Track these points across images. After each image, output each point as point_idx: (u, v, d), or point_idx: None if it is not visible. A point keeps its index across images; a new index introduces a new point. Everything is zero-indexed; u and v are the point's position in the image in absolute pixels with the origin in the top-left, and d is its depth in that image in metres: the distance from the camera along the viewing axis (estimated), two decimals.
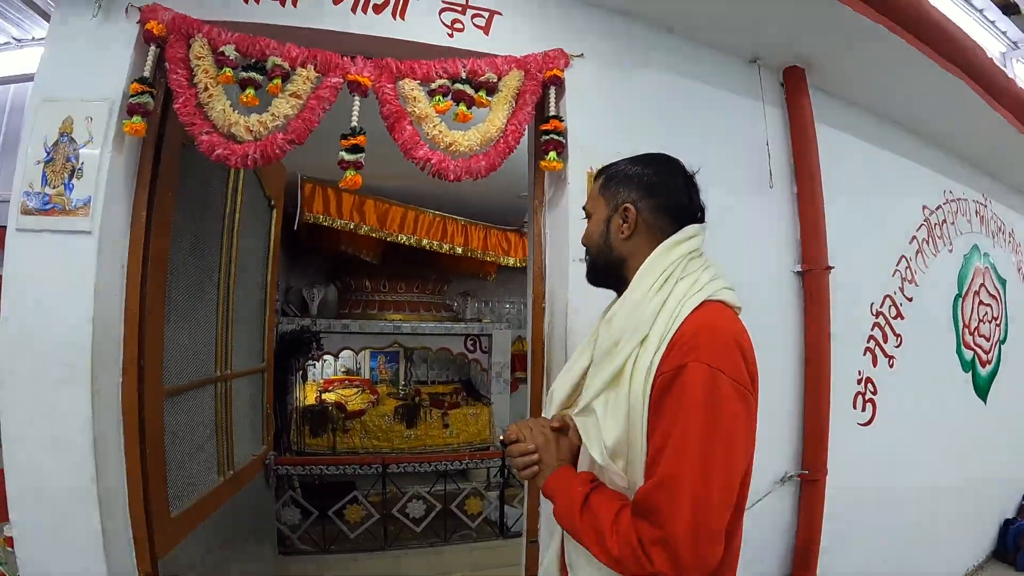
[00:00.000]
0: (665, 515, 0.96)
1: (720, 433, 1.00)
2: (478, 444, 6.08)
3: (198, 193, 2.38)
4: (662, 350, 1.07)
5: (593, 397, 1.15)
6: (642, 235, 1.24)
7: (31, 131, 1.78)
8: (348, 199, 4.98)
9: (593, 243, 1.32)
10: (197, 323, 2.41)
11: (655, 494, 0.99)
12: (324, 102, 1.86)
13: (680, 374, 1.02)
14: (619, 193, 1.27)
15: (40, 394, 1.70)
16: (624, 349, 1.11)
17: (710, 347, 1.04)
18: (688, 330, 1.07)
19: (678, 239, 1.20)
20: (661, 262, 1.17)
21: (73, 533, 1.69)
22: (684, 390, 1.01)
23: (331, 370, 6.82)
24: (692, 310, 1.09)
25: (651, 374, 1.06)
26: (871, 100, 2.96)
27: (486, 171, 2.00)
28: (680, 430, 1.00)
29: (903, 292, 3.11)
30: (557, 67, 2.13)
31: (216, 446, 2.53)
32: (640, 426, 1.06)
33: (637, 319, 1.12)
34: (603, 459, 1.10)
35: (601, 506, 1.07)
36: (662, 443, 1.01)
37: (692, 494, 0.96)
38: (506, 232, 6.14)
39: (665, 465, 0.99)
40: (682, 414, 1.00)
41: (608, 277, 1.31)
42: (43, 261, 1.74)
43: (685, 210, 1.25)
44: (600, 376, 1.14)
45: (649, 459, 1.04)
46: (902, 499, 3.01)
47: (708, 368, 1.01)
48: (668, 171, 1.28)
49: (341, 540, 4.20)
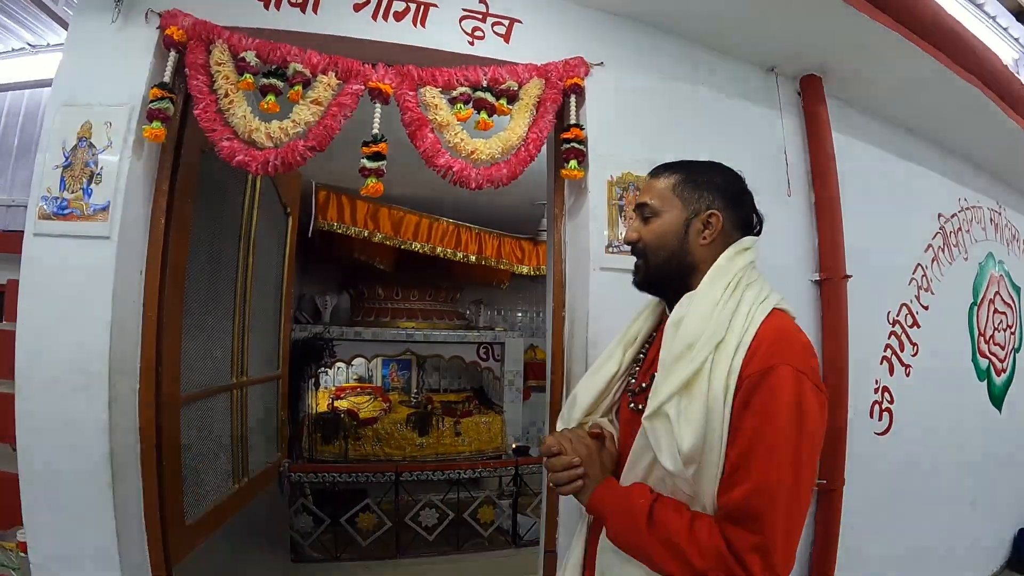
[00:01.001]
0: (765, 520, 0.95)
1: (807, 436, 0.99)
2: (490, 452, 6.04)
3: (216, 200, 2.39)
4: (741, 353, 1.04)
5: (664, 401, 1.08)
6: (717, 244, 1.22)
7: (49, 135, 1.78)
8: (362, 207, 4.98)
9: (665, 244, 1.25)
10: (214, 330, 2.41)
11: (754, 499, 0.96)
12: (345, 109, 1.86)
13: (768, 376, 1.00)
14: (703, 197, 1.23)
15: (56, 400, 1.69)
16: (701, 352, 1.07)
17: (792, 350, 1.04)
18: (768, 334, 1.06)
19: (742, 247, 1.20)
20: (730, 268, 1.17)
21: (87, 539, 1.68)
22: (774, 392, 0.99)
23: (343, 377, 6.81)
24: (765, 316, 1.09)
25: (732, 377, 1.03)
26: (887, 108, 2.94)
27: (507, 179, 1.99)
28: (773, 433, 0.98)
29: (919, 300, 3.08)
30: (577, 75, 2.12)
31: (231, 453, 2.53)
32: (719, 430, 1.02)
33: (713, 323, 1.09)
34: (676, 465, 1.05)
35: (670, 518, 1.04)
36: (751, 445, 0.99)
37: (787, 499, 0.96)
38: (520, 240, 6.11)
39: (761, 469, 0.97)
40: (774, 417, 0.99)
41: (671, 281, 1.26)
42: (61, 266, 1.73)
43: (751, 222, 1.27)
44: (673, 380, 1.09)
45: (732, 463, 1.01)
46: (918, 508, 2.98)
47: (795, 371, 1.00)
48: (743, 184, 1.29)
49: (353, 548, 4.17)
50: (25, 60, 4.76)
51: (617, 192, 2.14)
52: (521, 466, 4.75)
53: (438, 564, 4.26)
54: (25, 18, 4.23)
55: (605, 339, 1.98)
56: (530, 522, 4.67)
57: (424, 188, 4.76)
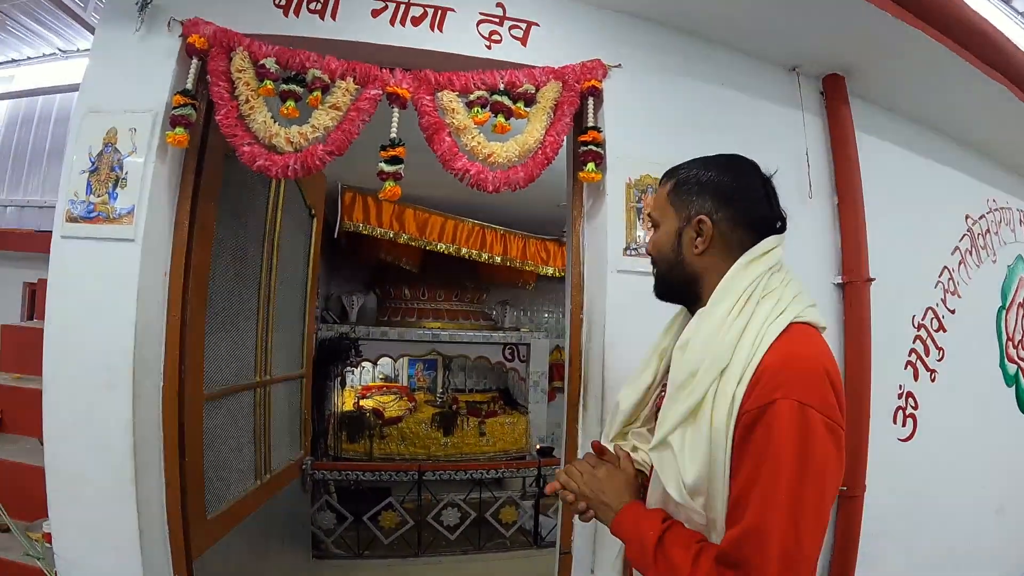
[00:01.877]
0: (754, 567, 0.89)
1: (810, 476, 0.90)
2: (514, 453, 6.06)
3: (240, 202, 2.44)
4: (745, 382, 0.96)
5: (669, 431, 1.03)
6: (718, 249, 1.12)
7: (76, 141, 1.83)
8: (388, 208, 5.03)
9: (663, 257, 1.19)
10: (238, 329, 2.47)
11: (744, 545, 0.90)
12: (363, 114, 1.88)
13: (766, 412, 0.92)
14: (692, 202, 1.14)
15: (83, 397, 1.75)
16: (703, 381, 1.00)
17: (798, 380, 0.94)
18: (773, 361, 0.96)
19: (755, 254, 1.09)
20: (740, 281, 1.06)
21: (110, 532, 1.73)
22: (771, 430, 0.91)
23: (369, 377, 6.89)
24: (777, 336, 0.99)
25: (734, 409, 0.96)
26: (911, 107, 2.86)
27: (524, 182, 1.99)
28: (768, 474, 0.91)
29: (945, 304, 3.00)
30: (595, 78, 2.11)
31: (254, 450, 2.58)
32: (723, 463, 0.96)
33: (717, 348, 1.01)
34: (682, 497, 1.00)
35: (676, 554, 0.98)
36: (747, 487, 0.92)
37: (782, 546, 0.88)
38: (545, 241, 6.12)
39: (753, 513, 0.91)
40: (769, 456, 0.91)
41: (679, 292, 1.20)
42: (87, 268, 1.79)
43: (765, 220, 1.13)
44: (676, 410, 1.03)
45: (732, 501, 0.95)
46: (942, 516, 2.90)
47: (797, 404, 0.91)
48: (746, 176, 1.16)
49: (375, 546, 4.24)
50: (56, 65, 4.93)
51: (635, 195, 2.12)
52: (544, 467, 4.77)
53: (459, 563, 4.31)
54: (56, 25, 4.38)
55: (623, 341, 2.02)
56: (552, 523, 4.67)
57: (449, 189, 4.77)
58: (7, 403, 2.49)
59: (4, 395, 2.53)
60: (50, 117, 5.16)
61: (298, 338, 3.15)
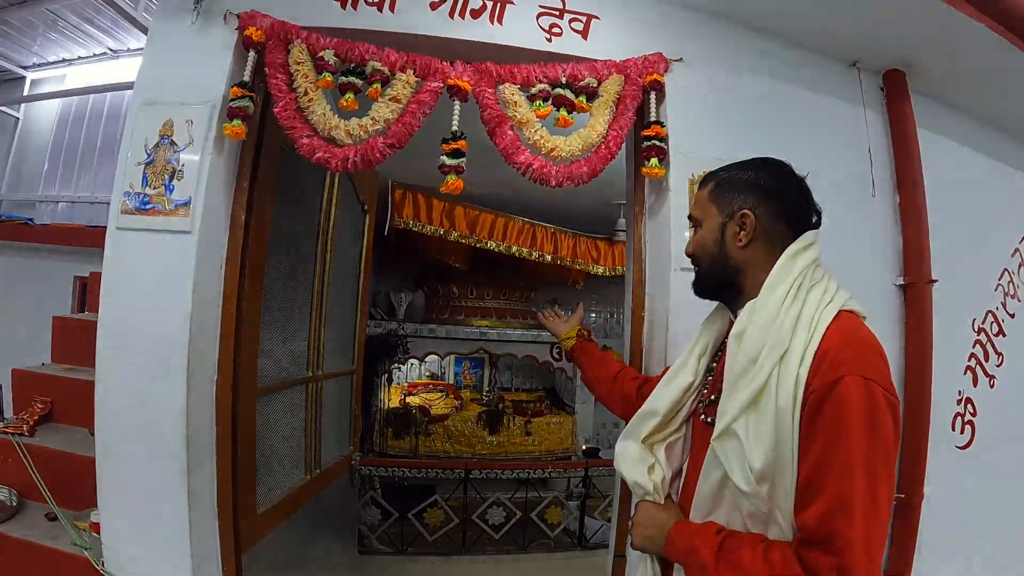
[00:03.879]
0: (842, 541, 0.91)
1: (880, 447, 0.95)
2: (560, 453, 6.01)
3: (296, 197, 2.44)
4: (807, 364, 1.00)
5: (732, 420, 1.06)
6: (760, 243, 1.19)
7: (132, 134, 1.84)
8: (438, 205, 5.02)
9: (706, 252, 1.26)
10: (291, 323, 2.47)
11: (831, 519, 0.92)
12: (424, 106, 1.85)
13: (835, 388, 0.96)
14: (734, 199, 1.22)
15: (137, 388, 1.75)
16: (765, 366, 1.04)
17: (861, 358, 0.99)
18: (834, 341, 1.01)
19: (800, 247, 1.15)
20: (789, 272, 1.12)
21: (160, 524, 1.74)
22: (842, 405, 0.95)
23: (415, 374, 6.91)
24: (831, 320, 1.04)
25: (799, 390, 0.99)
26: (973, 104, 2.75)
27: (588, 177, 1.95)
28: (844, 448, 0.94)
29: (1005, 308, 2.88)
30: (657, 71, 2.07)
31: (304, 445, 2.58)
32: (790, 445, 0.99)
33: (776, 333, 1.05)
34: (750, 485, 1.02)
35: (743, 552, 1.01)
36: (823, 462, 0.95)
37: (864, 516, 0.92)
38: (596, 240, 6.02)
39: (834, 487, 0.93)
40: (844, 430, 0.94)
41: (721, 288, 1.27)
42: (142, 260, 1.79)
43: (803, 215, 1.21)
44: (739, 397, 1.06)
45: (804, 479, 0.97)
46: (999, 528, 2.76)
47: (864, 380, 0.96)
48: (783, 175, 1.23)
49: (419, 543, 4.22)
50: (107, 65, 5.05)
51: None
52: (590, 468, 4.70)
53: (503, 563, 4.28)
54: (107, 25, 4.48)
55: (684, 340, 1.92)
56: (597, 525, 4.62)
57: (500, 187, 4.76)
58: (58, 394, 2.53)
59: (55, 386, 2.57)
60: (101, 115, 5.30)
61: (350, 334, 3.15)
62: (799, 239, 1.16)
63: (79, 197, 5.32)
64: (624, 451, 1.35)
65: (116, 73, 5.01)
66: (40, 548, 1.96)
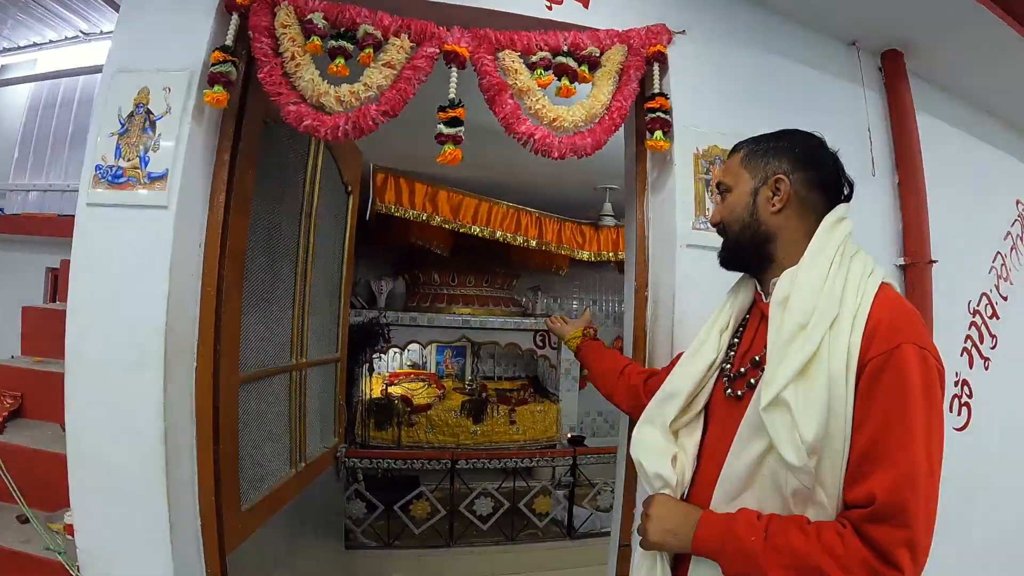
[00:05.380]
0: (911, 512, 0.89)
1: (936, 417, 0.95)
2: (544, 442, 5.96)
3: (277, 173, 2.29)
4: (859, 331, 0.98)
5: (782, 388, 0.99)
6: (793, 210, 1.16)
7: (105, 102, 1.67)
8: (421, 189, 4.90)
9: (735, 218, 1.22)
10: (274, 308, 2.32)
11: (898, 491, 0.89)
12: (420, 72, 1.73)
13: (893, 356, 0.94)
14: (769, 164, 1.19)
15: (109, 379, 1.59)
16: (817, 331, 1.00)
17: (914, 327, 0.98)
18: (886, 310, 1.00)
19: (839, 216, 1.14)
20: (832, 238, 1.10)
21: (138, 525, 1.59)
22: (901, 373, 0.93)
23: (397, 363, 6.78)
24: (876, 290, 1.02)
25: (852, 358, 0.96)
26: (967, 87, 2.80)
27: (591, 149, 1.85)
28: (907, 417, 0.92)
29: (999, 291, 2.94)
30: (660, 43, 1.99)
31: (289, 437, 2.44)
32: (843, 415, 0.95)
33: (827, 298, 1.02)
34: (800, 458, 0.96)
35: (792, 537, 0.94)
36: (884, 432, 0.93)
37: (926, 486, 0.91)
38: (581, 225, 5.94)
39: (900, 457, 0.91)
40: (905, 399, 0.93)
41: (750, 256, 1.22)
42: (115, 237, 1.63)
43: (837, 185, 1.19)
44: (789, 364, 1.00)
45: (861, 451, 0.94)
46: (995, 509, 2.79)
47: (920, 349, 0.95)
48: (816, 145, 1.21)
49: (406, 535, 4.14)
50: (79, 48, 4.81)
51: (703, 166, 2.01)
52: (578, 456, 4.65)
53: (492, 554, 4.22)
54: (79, 6, 4.26)
55: (691, 320, 1.88)
56: (586, 513, 4.59)
57: (484, 171, 4.65)
58: (28, 388, 2.37)
59: (25, 379, 2.40)
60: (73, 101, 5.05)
61: (334, 320, 3.01)
62: (834, 210, 1.15)
63: (51, 186, 5.06)
64: (643, 438, 1.27)
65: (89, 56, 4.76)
66: (11, 553, 1.83)
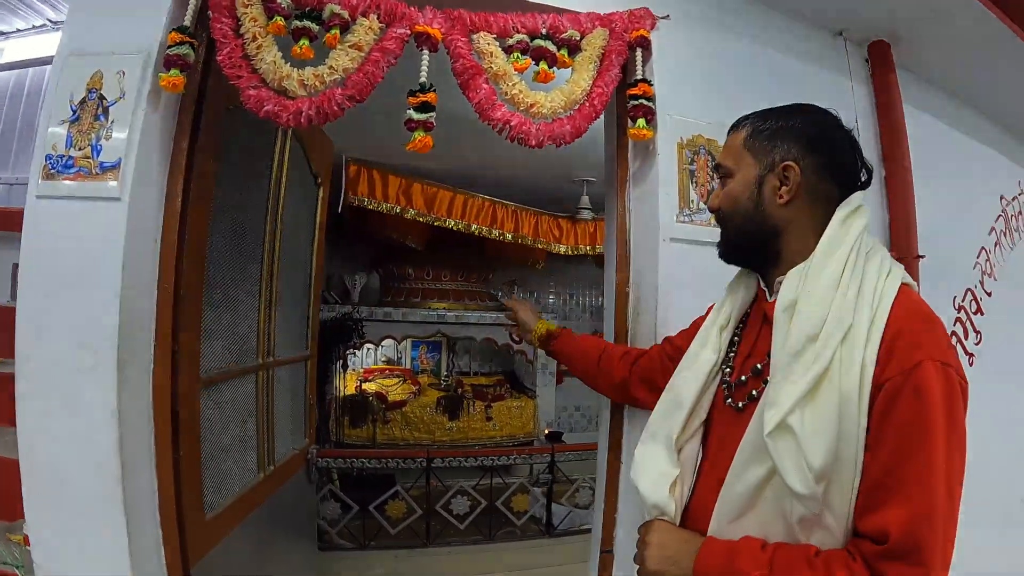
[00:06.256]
0: (927, 550, 0.81)
1: (957, 442, 0.86)
2: (522, 438, 5.89)
3: (242, 163, 2.18)
4: (874, 344, 0.88)
5: (787, 413, 0.90)
6: (803, 201, 1.04)
7: (56, 88, 1.56)
8: (394, 181, 4.79)
9: (738, 208, 1.09)
10: (238, 305, 2.22)
11: (916, 529, 0.81)
12: (389, 55, 1.63)
13: (913, 375, 0.84)
14: (776, 148, 1.05)
15: (60, 383, 1.49)
16: (828, 346, 0.90)
17: (935, 340, 0.89)
18: (906, 320, 0.89)
19: (854, 206, 1.02)
20: (847, 234, 0.99)
21: (95, 539, 1.49)
22: (921, 395, 0.84)
23: (371, 359, 6.66)
24: (895, 295, 0.92)
25: (867, 376, 0.87)
26: (953, 80, 2.76)
27: (571, 137, 1.77)
28: (926, 446, 0.83)
29: (983, 286, 2.94)
30: (643, 27, 1.91)
31: (256, 440, 2.34)
32: (855, 437, 0.86)
33: (840, 306, 0.92)
34: (808, 487, 0.87)
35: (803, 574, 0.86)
36: (901, 460, 0.84)
37: (944, 523, 0.83)
38: (557, 218, 5.87)
39: (919, 491, 0.82)
40: (924, 425, 0.83)
41: (755, 251, 1.10)
42: (65, 232, 1.52)
43: (852, 171, 1.06)
44: (795, 384, 0.91)
45: (874, 479, 0.85)
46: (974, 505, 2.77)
47: (942, 366, 0.85)
48: (831, 124, 1.07)
49: (382, 536, 4.05)
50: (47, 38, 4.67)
51: (687, 155, 1.94)
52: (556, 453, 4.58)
53: (470, 553, 4.14)
54: None
55: (676, 316, 1.79)
56: (565, 511, 4.53)
57: (459, 163, 4.56)
58: None
59: None
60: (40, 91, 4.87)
61: (303, 317, 2.90)
62: (849, 199, 1.03)
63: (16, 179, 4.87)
64: (645, 461, 1.17)
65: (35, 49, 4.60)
66: None
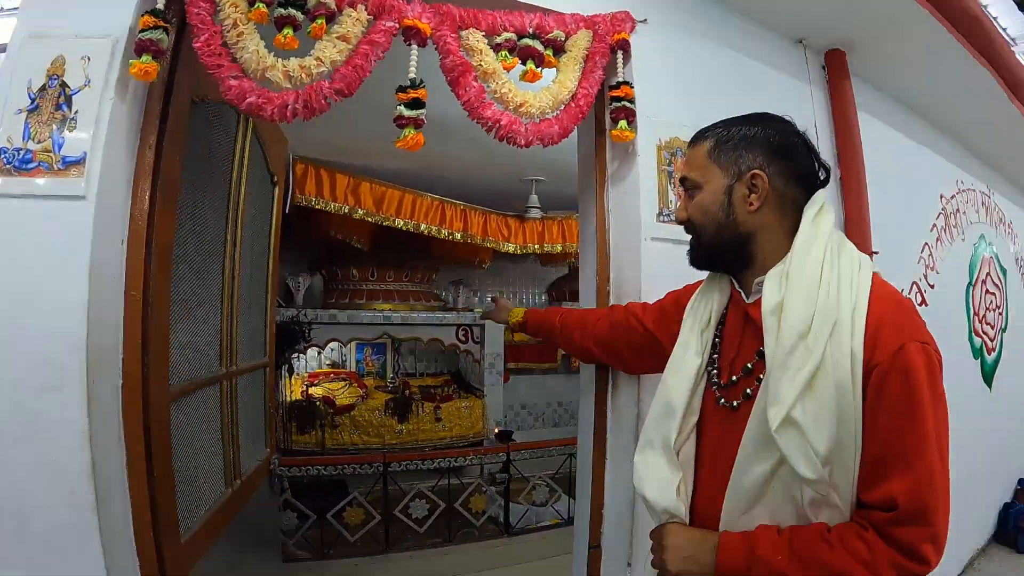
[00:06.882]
0: (932, 510, 0.92)
1: (942, 411, 0.97)
2: (471, 438, 5.84)
3: (202, 161, 2.04)
4: (859, 333, 0.96)
5: (790, 407, 0.96)
6: (772, 206, 1.11)
7: (12, 74, 1.41)
8: (343, 181, 4.66)
9: (710, 218, 1.15)
10: (202, 311, 2.08)
11: (920, 494, 0.92)
12: (377, 48, 1.56)
13: (898, 359, 0.94)
14: (741, 158, 1.12)
15: (22, 404, 1.33)
16: (819, 340, 0.97)
17: (913, 323, 0.99)
18: (885, 307, 0.98)
19: (819, 205, 1.10)
20: (818, 233, 1.07)
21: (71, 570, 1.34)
22: (908, 374, 0.93)
23: (316, 363, 6.46)
24: (870, 285, 1.01)
25: (856, 362, 0.95)
26: (900, 88, 3.01)
27: (559, 137, 1.77)
28: (917, 419, 0.93)
29: (926, 279, 3.19)
30: (624, 30, 1.95)
31: (223, 454, 2.21)
32: (853, 420, 0.95)
33: (825, 302, 0.99)
34: (816, 472, 0.95)
35: (818, 550, 0.94)
36: (897, 435, 0.93)
37: (942, 483, 0.93)
38: (506, 218, 5.84)
39: (918, 459, 0.92)
40: (914, 400, 0.93)
41: (730, 257, 1.16)
42: (23, 234, 1.36)
43: (813, 173, 1.14)
44: (794, 379, 0.97)
45: (874, 455, 0.95)
46: None
47: (922, 346, 0.95)
48: (790, 131, 1.15)
49: (341, 544, 3.93)
50: None
51: (666, 157, 2.00)
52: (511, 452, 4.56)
53: (430, 557, 4.08)
54: None
55: None
56: (522, 509, 4.53)
57: (408, 162, 4.47)
58: None
59: None
60: None
61: (261, 321, 2.76)
62: (812, 200, 1.11)
63: None
64: (646, 468, 1.19)
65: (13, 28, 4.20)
66: None
